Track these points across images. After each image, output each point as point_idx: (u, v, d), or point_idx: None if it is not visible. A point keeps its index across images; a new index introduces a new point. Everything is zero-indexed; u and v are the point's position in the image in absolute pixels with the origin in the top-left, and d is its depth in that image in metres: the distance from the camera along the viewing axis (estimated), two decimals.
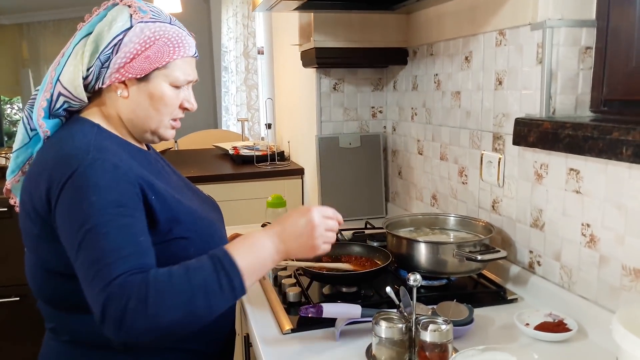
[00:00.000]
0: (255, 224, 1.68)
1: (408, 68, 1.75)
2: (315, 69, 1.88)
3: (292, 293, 1.17)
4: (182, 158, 2.81)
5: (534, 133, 1.10)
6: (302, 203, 2.39)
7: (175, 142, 3.45)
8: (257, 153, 2.46)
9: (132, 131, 0.98)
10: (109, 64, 0.91)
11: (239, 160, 2.51)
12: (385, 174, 1.94)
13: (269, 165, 2.41)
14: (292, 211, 0.94)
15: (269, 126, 2.59)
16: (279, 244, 0.88)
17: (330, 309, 0.98)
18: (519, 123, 1.16)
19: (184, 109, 1.00)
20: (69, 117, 0.97)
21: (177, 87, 0.96)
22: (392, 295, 0.95)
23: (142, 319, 0.75)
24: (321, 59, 1.67)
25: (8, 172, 1.01)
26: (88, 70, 0.91)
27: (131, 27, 0.91)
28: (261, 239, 0.88)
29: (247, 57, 3.80)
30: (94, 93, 0.95)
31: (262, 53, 3.52)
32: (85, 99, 0.93)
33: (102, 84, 0.92)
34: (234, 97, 4.22)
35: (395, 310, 0.94)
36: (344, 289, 1.20)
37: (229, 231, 1.24)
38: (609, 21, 1.08)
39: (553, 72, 1.11)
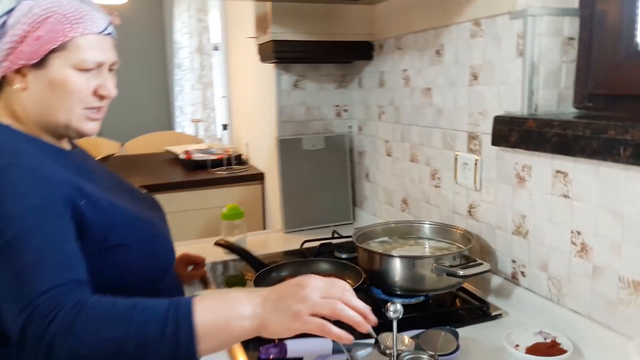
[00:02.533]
0: (211, 238, 1.53)
1: (374, 63, 1.64)
2: (274, 64, 1.74)
3: None
4: (128, 164, 2.61)
5: (516, 132, 1.01)
6: (263, 211, 2.24)
7: (122, 145, 3.23)
8: (211, 157, 2.29)
9: (45, 128, 0.87)
10: None
11: (191, 166, 2.34)
12: (352, 177, 1.82)
13: (225, 170, 2.25)
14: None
15: (225, 127, 2.43)
16: (257, 307, 0.71)
17: (295, 347, 0.85)
18: (499, 121, 1.06)
19: (100, 96, 0.87)
20: None
21: (84, 70, 0.84)
22: (370, 331, 0.82)
23: (64, 343, 0.65)
24: (280, 53, 1.53)
25: None
26: None
27: (16, 6, 0.79)
28: (238, 296, 0.73)
29: (202, 53, 3.61)
30: None
31: (218, 49, 3.35)
32: None
33: None
34: (189, 96, 4.02)
35: (372, 341, 0.82)
36: None
37: (179, 249, 1.10)
38: (593, 9, 0.99)
39: (535, 65, 1.02)
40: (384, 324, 0.82)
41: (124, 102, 4.64)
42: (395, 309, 0.79)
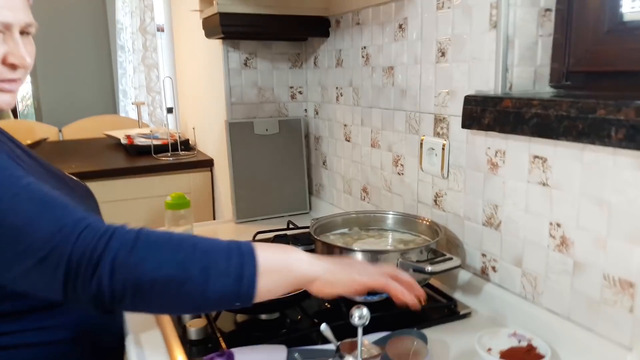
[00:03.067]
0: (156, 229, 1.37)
1: (330, 41, 1.51)
2: (221, 40, 1.59)
3: (194, 329, 0.89)
4: (64, 150, 2.39)
5: (490, 113, 0.90)
6: (213, 200, 2.09)
7: (60, 131, 2.98)
8: (155, 142, 2.11)
9: None
10: None
11: (134, 151, 2.15)
12: (307, 164, 1.70)
13: (170, 156, 2.07)
14: None
15: (169, 110, 2.24)
16: (313, 258, 0.74)
17: (244, 357, 0.72)
18: (470, 101, 0.96)
19: (10, 65, 0.74)
20: None
21: None
22: (329, 335, 0.71)
23: (128, 262, 0.63)
24: (227, 27, 1.38)
25: None
26: None
27: None
28: (289, 246, 0.75)
29: (145, 33, 3.37)
30: None
31: (163, 30, 3.13)
32: None
33: None
34: (132, 78, 3.77)
35: (333, 348, 0.70)
36: (263, 316, 0.95)
37: None
38: None
39: (510, 38, 0.92)
40: (344, 327, 0.72)
41: (65, 85, 4.39)
42: (361, 314, 0.68)
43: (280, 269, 0.70)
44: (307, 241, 1.33)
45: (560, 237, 0.84)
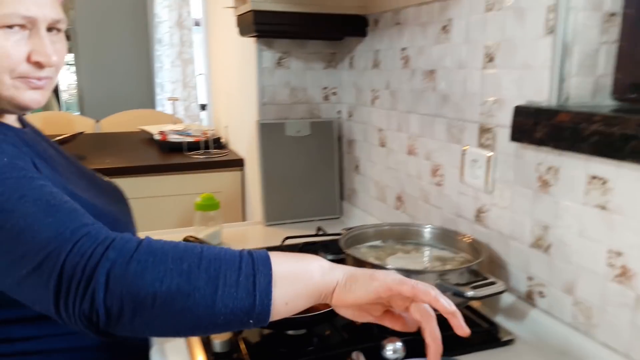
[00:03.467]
0: (185, 228, 1.36)
1: (368, 41, 1.44)
2: (254, 38, 1.54)
3: (219, 341, 0.85)
4: (100, 143, 2.39)
5: (544, 127, 0.83)
6: (243, 201, 2.05)
7: (97, 122, 3.01)
8: (188, 139, 2.09)
9: None
10: None
11: (167, 148, 2.13)
12: (340, 168, 1.64)
13: (202, 154, 2.05)
14: None
15: (203, 107, 2.22)
16: (332, 266, 0.63)
17: None
18: (521, 113, 0.88)
19: (35, 63, 0.70)
20: None
21: (9, 28, 0.68)
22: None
23: (126, 273, 0.55)
24: (260, 26, 1.33)
25: None
26: None
27: None
28: (307, 254, 0.64)
29: (182, 27, 3.37)
30: None
31: (199, 25, 3.11)
32: None
33: None
34: (169, 73, 3.78)
35: None
36: (290, 332, 0.90)
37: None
38: None
39: (568, 45, 0.83)
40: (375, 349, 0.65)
41: (106, 77, 4.45)
42: (395, 348, 0.63)
43: (298, 276, 0.61)
44: (336, 250, 1.27)
45: (621, 267, 0.76)
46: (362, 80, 1.50)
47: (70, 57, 4.33)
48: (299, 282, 0.61)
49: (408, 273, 0.90)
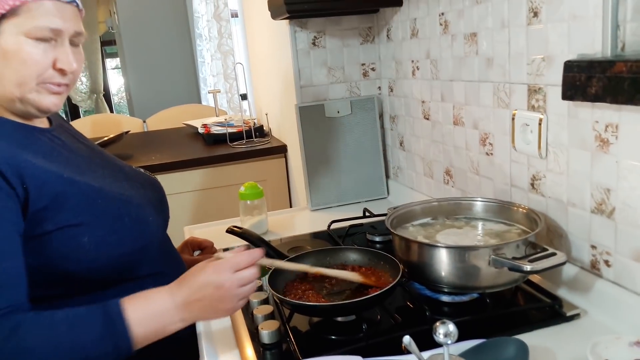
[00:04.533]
0: (231, 219, 1.37)
1: (404, 10, 1.38)
2: (287, 20, 1.51)
3: (267, 331, 0.84)
4: (146, 141, 2.45)
5: (599, 81, 0.75)
6: (288, 187, 2.04)
7: (144, 122, 3.09)
8: (230, 130, 2.10)
9: (4, 105, 0.81)
10: None
11: (210, 140, 2.15)
12: (383, 145, 1.59)
13: (245, 143, 2.05)
14: (200, 270, 0.79)
15: (243, 97, 2.22)
16: (184, 312, 0.77)
17: None
18: (572, 68, 0.80)
19: (59, 70, 0.80)
20: None
21: (40, 40, 0.78)
22: (414, 350, 0.62)
23: None
24: (292, 5, 1.30)
25: None
26: None
27: None
28: (165, 304, 0.76)
29: (219, 19, 3.38)
30: None
31: (237, 16, 3.11)
32: None
33: None
34: (210, 66, 3.82)
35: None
36: (340, 319, 0.87)
37: (198, 232, 1.09)
38: None
39: None
40: (427, 332, 0.62)
41: (152, 78, 4.57)
42: (447, 331, 0.59)
43: (156, 334, 0.76)
44: (384, 230, 1.24)
45: None
46: (401, 53, 1.44)
47: (117, 62, 4.47)
48: (157, 336, 0.77)
49: (461, 250, 0.86)
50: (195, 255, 1.17)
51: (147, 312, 0.75)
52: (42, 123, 0.89)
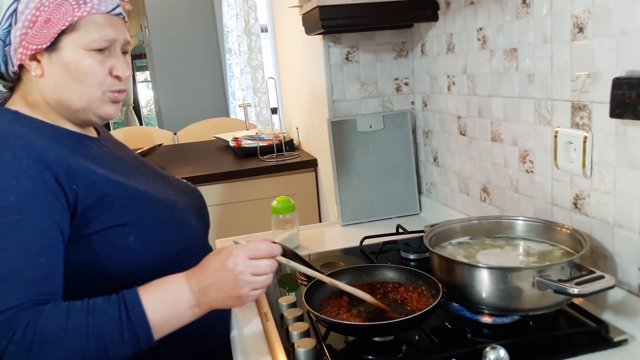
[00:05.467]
0: (262, 232, 1.36)
1: (440, 25, 1.37)
2: (321, 35, 1.52)
3: (303, 349, 0.83)
4: (178, 154, 2.48)
5: None
6: (318, 201, 2.04)
7: (175, 134, 3.13)
8: (261, 143, 2.11)
9: (64, 115, 0.87)
10: (10, 40, 0.81)
11: (241, 153, 2.17)
12: (416, 161, 1.57)
13: (275, 157, 2.06)
14: (215, 254, 0.80)
15: (274, 111, 2.23)
16: (200, 297, 0.77)
17: None
18: (621, 85, 0.78)
19: (116, 77, 0.87)
20: None
21: (97, 51, 0.84)
22: None
23: None
24: (327, 21, 1.30)
25: None
26: None
27: None
28: (181, 288, 0.77)
29: (249, 34, 3.42)
30: (16, 81, 0.86)
31: (266, 31, 3.15)
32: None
33: (14, 67, 0.83)
34: (239, 80, 3.86)
35: None
36: (377, 339, 0.86)
37: (224, 245, 1.06)
38: None
39: None
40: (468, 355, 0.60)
41: (182, 91, 4.65)
42: (498, 356, 0.57)
43: (175, 322, 0.77)
44: (418, 248, 1.22)
45: None
46: (435, 67, 1.43)
47: (146, 75, 4.56)
48: (174, 324, 0.77)
49: (503, 272, 0.83)
50: None
51: (164, 297, 0.76)
52: (91, 132, 0.94)
